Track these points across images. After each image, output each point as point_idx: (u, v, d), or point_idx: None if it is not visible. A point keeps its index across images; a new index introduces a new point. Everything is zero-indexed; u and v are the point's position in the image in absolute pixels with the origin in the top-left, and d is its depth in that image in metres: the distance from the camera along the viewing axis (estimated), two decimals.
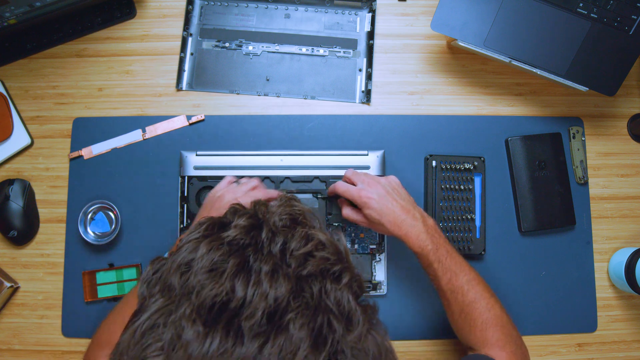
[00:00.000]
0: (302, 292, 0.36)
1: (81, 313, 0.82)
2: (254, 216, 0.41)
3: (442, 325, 0.83)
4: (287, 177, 0.83)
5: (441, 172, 0.85)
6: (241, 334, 0.33)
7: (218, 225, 0.41)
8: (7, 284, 0.80)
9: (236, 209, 0.42)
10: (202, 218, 0.43)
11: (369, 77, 0.88)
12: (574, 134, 0.87)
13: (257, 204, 0.44)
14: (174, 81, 0.87)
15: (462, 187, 0.84)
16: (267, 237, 0.39)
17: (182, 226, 0.82)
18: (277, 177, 0.83)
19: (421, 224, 0.69)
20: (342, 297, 0.37)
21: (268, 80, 0.88)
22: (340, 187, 0.74)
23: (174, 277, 0.37)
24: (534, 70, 0.82)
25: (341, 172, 0.83)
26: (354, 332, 0.36)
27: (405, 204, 0.71)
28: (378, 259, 0.83)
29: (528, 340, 0.84)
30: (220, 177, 0.82)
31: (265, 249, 0.38)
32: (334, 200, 0.82)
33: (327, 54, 0.88)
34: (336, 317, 0.36)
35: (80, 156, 0.85)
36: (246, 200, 0.64)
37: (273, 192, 0.75)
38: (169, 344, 0.34)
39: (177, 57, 0.87)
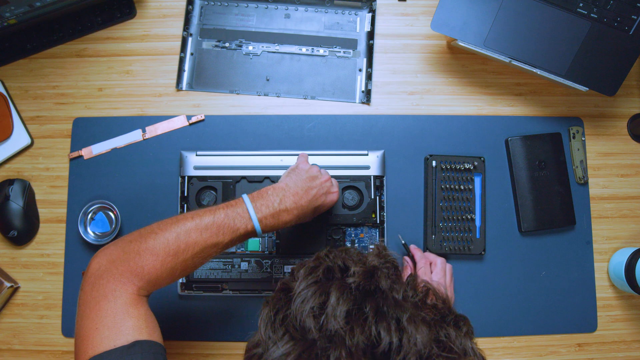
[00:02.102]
0: (439, 337, 0.39)
1: None
2: (365, 263, 0.44)
3: None
4: None
5: (441, 172, 0.85)
6: None
7: (332, 270, 0.43)
8: (7, 284, 0.80)
9: (350, 256, 0.44)
10: (311, 262, 0.45)
11: (369, 77, 0.88)
12: (574, 134, 0.87)
13: (348, 250, 0.47)
14: (174, 81, 0.87)
15: (462, 187, 0.84)
16: (387, 285, 0.41)
17: None
18: (277, 177, 0.83)
19: None
20: (467, 344, 0.40)
21: (268, 80, 0.88)
22: (421, 261, 0.76)
23: (307, 320, 0.39)
24: (534, 70, 0.82)
25: (341, 172, 0.83)
26: None
27: None
28: None
29: (528, 340, 0.84)
30: (220, 177, 0.83)
31: (390, 296, 0.40)
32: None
33: (327, 54, 0.88)
34: None
35: (80, 156, 0.85)
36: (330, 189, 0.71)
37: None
38: None
39: (177, 57, 0.87)
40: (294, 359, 0.38)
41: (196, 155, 0.83)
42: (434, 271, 0.75)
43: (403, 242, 0.83)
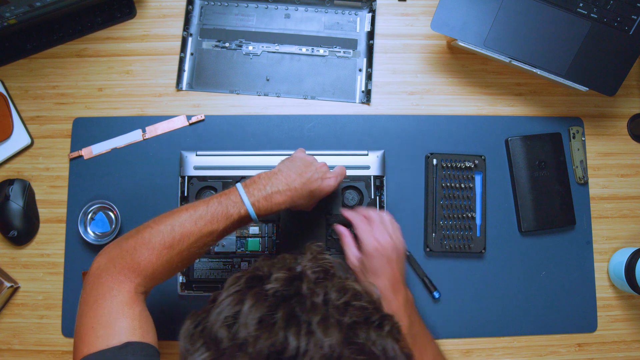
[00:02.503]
0: (352, 340, 0.38)
1: None
2: (292, 269, 0.43)
3: (441, 325, 0.83)
4: None
5: (442, 170, 0.85)
6: None
7: (256, 278, 0.43)
8: (7, 284, 0.80)
9: (273, 263, 0.43)
10: (240, 272, 0.44)
11: (369, 77, 0.88)
12: (574, 134, 0.87)
13: (285, 258, 0.46)
14: (174, 81, 0.87)
15: (462, 185, 0.84)
16: (308, 289, 0.40)
17: None
18: None
19: (403, 298, 0.69)
20: (387, 345, 0.39)
21: (268, 80, 0.88)
22: (356, 220, 0.73)
23: (221, 330, 0.38)
24: (534, 70, 0.82)
25: None
26: None
27: (401, 272, 0.70)
28: None
29: (528, 340, 0.84)
30: (220, 177, 0.83)
31: (308, 300, 0.40)
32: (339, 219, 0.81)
33: (327, 54, 0.88)
34: None
35: (80, 156, 0.85)
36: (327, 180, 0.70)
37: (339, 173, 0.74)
38: None
39: (177, 57, 0.87)
40: None
41: (196, 155, 0.83)
42: (374, 228, 0.71)
43: None
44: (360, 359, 0.37)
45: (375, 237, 0.70)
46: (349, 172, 0.83)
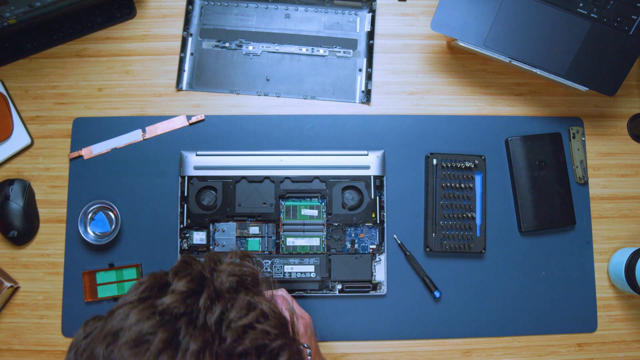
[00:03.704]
0: None
1: (81, 313, 0.82)
2: (197, 278, 0.39)
3: (441, 325, 0.83)
4: (287, 177, 0.83)
5: (442, 170, 0.85)
6: None
7: (158, 287, 0.38)
8: (7, 284, 0.80)
9: (178, 269, 0.39)
10: (146, 276, 0.40)
11: (369, 77, 0.88)
12: (574, 134, 0.87)
13: (208, 258, 0.42)
14: (174, 81, 0.87)
15: (462, 185, 0.84)
16: (204, 305, 0.36)
17: (181, 226, 0.82)
18: (277, 177, 0.83)
19: (303, 323, 0.65)
20: None
21: (268, 80, 0.88)
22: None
23: (99, 348, 0.35)
24: (534, 70, 0.82)
25: (341, 172, 0.83)
26: None
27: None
28: (378, 260, 0.83)
29: (528, 340, 0.84)
30: (220, 177, 0.83)
31: (199, 320, 0.36)
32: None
33: (327, 54, 0.88)
34: None
35: (80, 156, 0.85)
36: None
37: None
38: None
39: (177, 57, 0.87)
40: None
41: (196, 155, 0.83)
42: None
43: (399, 242, 0.83)
44: None
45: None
46: (349, 172, 0.83)
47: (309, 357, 0.52)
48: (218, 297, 0.37)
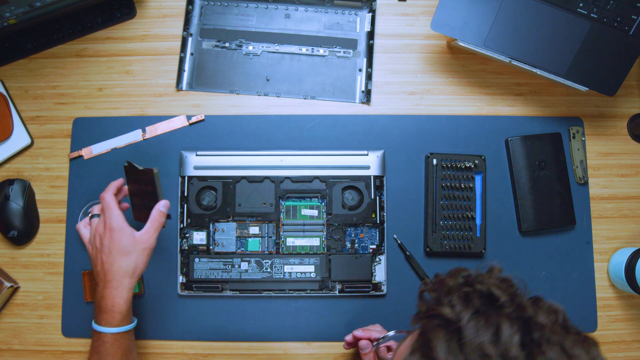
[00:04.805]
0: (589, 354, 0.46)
1: (81, 313, 0.82)
2: (505, 290, 0.51)
3: None
4: (287, 177, 0.83)
5: (442, 170, 0.85)
6: None
7: (486, 297, 0.49)
8: (7, 284, 0.80)
9: (485, 279, 0.54)
10: (459, 288, 0.49)
11: (369, 77, 0.88)
12: (574, 134, 0.87)
13: (492, 276, 0.56)
14: (174, 81, 0.87)
15: (462, 185, 0.84)
16: (533, 312, 0.48)
17: (181, 226, 0.82)
18: (277, 177, 0.83)
19: None
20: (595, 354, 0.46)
21: (268, 80, 0.88)
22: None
23: (490, 348, 0.43)
24: (534, 70, 0.82)
25: (341, 172, 0.83)
26: None
27: None
28: (378, 260, 0.83)
29: None
30: (220, 177, 0.83)
31: (544, 324, 0.46)
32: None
33: (327, 54, 0.88)
34: None
35: (80, 156, 0.85)
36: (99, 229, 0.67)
37: (113, 187, 0.71)
38: None
39: (177, 57, 0.87)
40: None
41: (196, 155, 0.83)
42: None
43: (399, 242, 0.83)
44: None
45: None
46: (349, 172, 0.83)
47: None
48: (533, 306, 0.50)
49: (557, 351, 0.44)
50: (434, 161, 0.85)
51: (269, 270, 0.81)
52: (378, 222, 0.83)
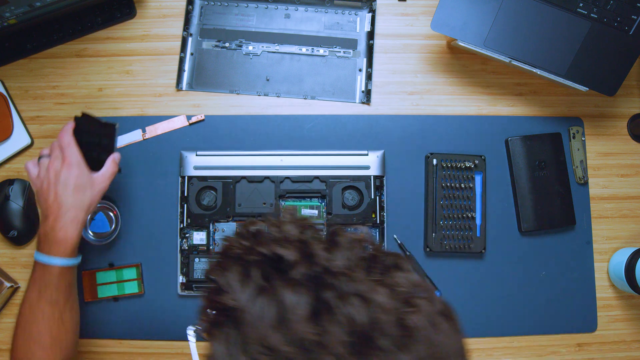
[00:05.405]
0: (394, 289, 0.38)
1: (81, 313, 0.82)
2: (292, 241, 0.40)
3: None
4: (287, 177, 0.83)
5: (442, 170, 0.85)
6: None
7: (267, 264, 0.39)
8: (7, 284, 0.80)
9: (267, 237, 0.40)
10: (234, 264, 0.40)
11: (369, 77, 0.88)
12: (574, 134, 0.87)
13: (272, 228, 0.42)
14: (174, 81, 0.87)
15: (462, 185, 0.84)
16: (325, 259, 0.39)
17: (181, 226, 0.82)
18: (277, 177, 0.83)
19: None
20: (412, 278, 0.39)
21: (268, 80, 0.88)
22: None
23: (273, 337, 0.35)
24: (534, 70, 0.82)
25: (341, 172, 0.83)
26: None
27: None
28: None
29: (528, 340, 0.84)
30: (220, 177, 0.83)
31: (335, 271, 0.38)
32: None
33: (327, 54, 0.88)
34: None
35: None
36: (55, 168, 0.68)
37: (66, 131, 0.71)
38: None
39: (177, 57, 0.87)
40: None
41: (196, 155, 0.83)
42: None
43: (399, 242, 0.83)
44: (411, 299, 0.37)
45: None
46: (349, 172, 0.83)
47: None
48: (326, 250, 0.40)
49: (355, 305, 0.35)
50: (434, 161, 0.85)
51: None
52: (378, 222, 0.83)
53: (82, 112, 0.72)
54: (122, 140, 0.85)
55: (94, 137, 0.72)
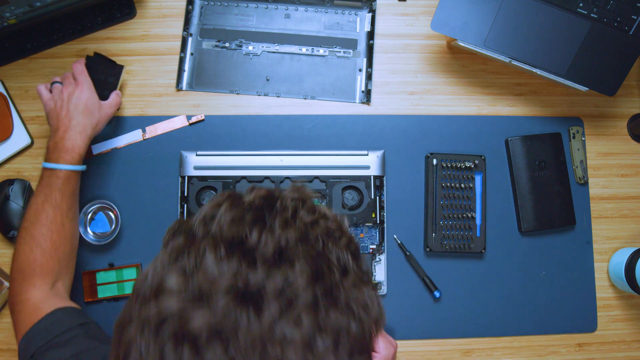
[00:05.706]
0: (308, 241, 0.40)
1: None
2: (270, 193, 0.46)
3: (441, 325, 0.83)
4: (287, 177, 0.83)
5: (442, 170, 0.85)
6: (254, 263, 0.37)
7: (238, 195, 0.45)
8: (7, 284, 0.80)
9: (253, 187, 0.47)
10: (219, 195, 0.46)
11: (369, 77, 0.88)
12: (574, 134, 0.87)
13: (273, 189, 0.49)
14: (174, 81, 0.87)
15: (462, 185, 0.84)
16: (280, 205, 0.43)
17: None
18: (277, 177, 0.83)
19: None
20: (341, 254, 0.41)
21: (268, 80, 0.88)
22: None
23: (198, 227, 0.41)
24: (534, 70, 0.82)
25: (341, 172, 0.83)
26: (349, 279, 0.40)
27: None
28: (378, 259, 0.83)
29: (528, 340, 0.84)
30: (220, 177, 0.83)
31: (279, 214, 0.42)
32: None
33: (327, 54, 0.88)
34: (334, 266, 0.40)
35: None
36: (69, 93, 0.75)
37: (78, 68, 0.77)
38: (190, 268, 0.38)
39: (177, 57, 0.87)
40: (173, 248, 0.39)
41: (196, 155, 0.83)
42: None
43: (399, 242, 0.83)
44: (310, 255, 0.39)
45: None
46: (349, 172, 0.83)
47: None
48: (289, 203, 0.44)
49: (261, 228, 0.40)
50: (434, 161, 0.85)
51: None
52: (378, 222, 0.83)
53: (95, 52, 0.79)
54: (123, 140, 0.85)
55: (102, 74, 0.80)
